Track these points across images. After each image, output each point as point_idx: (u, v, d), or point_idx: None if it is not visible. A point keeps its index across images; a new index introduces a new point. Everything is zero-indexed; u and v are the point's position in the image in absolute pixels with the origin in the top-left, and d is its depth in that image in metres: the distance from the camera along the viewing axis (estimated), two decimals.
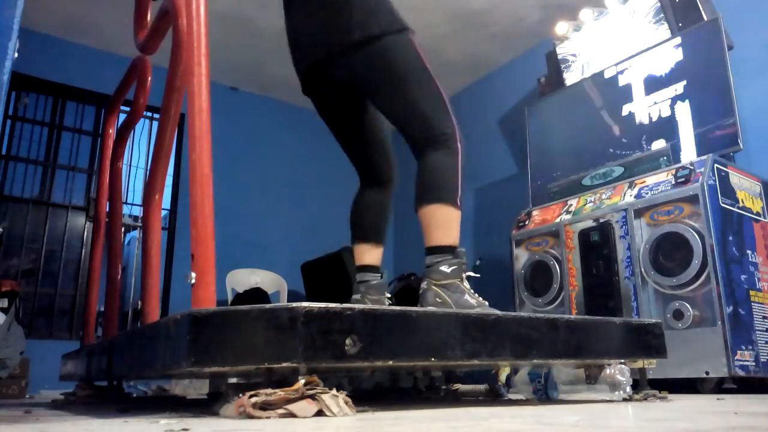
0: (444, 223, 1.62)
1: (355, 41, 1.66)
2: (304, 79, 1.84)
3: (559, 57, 3.91)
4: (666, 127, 3.11)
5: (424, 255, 1.64)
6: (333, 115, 1.91)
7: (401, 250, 5.49)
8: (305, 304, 1.04)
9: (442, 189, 1.64)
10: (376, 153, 1.91)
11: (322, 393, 1.03)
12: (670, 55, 3.16)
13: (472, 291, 1.59)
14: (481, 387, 2.12)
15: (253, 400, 0.99)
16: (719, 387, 2.54)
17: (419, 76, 1.70)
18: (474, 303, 1.55)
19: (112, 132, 2.62)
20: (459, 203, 1.65)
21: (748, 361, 2.47)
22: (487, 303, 1.57)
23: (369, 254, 1.86)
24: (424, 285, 1.60)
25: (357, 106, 1.86)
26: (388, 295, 1.86)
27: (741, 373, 2.42)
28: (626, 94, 3.35)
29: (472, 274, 1.67)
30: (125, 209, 4.52)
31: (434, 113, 1.70)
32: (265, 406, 1.00)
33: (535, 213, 3.56)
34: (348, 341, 1.05)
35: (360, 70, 1.70)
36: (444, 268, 1.58)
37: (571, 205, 3.34)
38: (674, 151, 3.03)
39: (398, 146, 1.90)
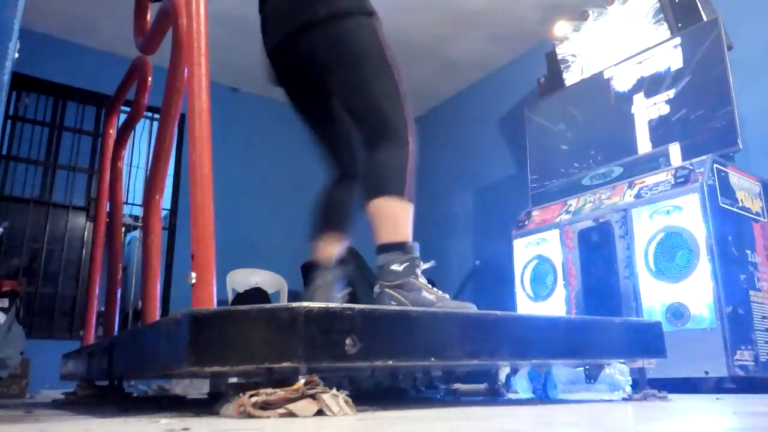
0: (392, 218, 1.55)
1: (319, 17, 1.62)
2: (272, 62, 1.81)
3: (559, 57, 3.91)
4: (665, 127, 3.11)
5: (375, 254, 1.56)
6: (300, 103, 1.87)
7: None
8: (305, 304, 1.04)
9: (389, 182, 1.56)
10: (343, 146, 1.86)
11: (322, 393, 1.03)
12: (669, 55, 3.16)
13: (429, 285, 1.53)
14: (481, 387, 2.12)
15: (254, 399, 0.99)
16: (718, 387, 2.54)
17: (378, 63, 1.64)
18: (433, 299, 1.48)
19: (112, 132, 2.62)
20: (407, 196, 1.57)
21: (747, 360, 2.47)
22: (447, 296, 1.52)
23: (324, 250, 1.77)
24: (377, 289, 1.52)
25: (322, 93, 1.82)
26: (348, 290, 1.78)
27: (740, 372, 2.42)
28: (626, 94, 3.35)
29: (426, 265, 1.61)
30: (126, 209, 4.51)
31: (388, 104, 1.63)
32: (265, 406, 1.00)
33: (534, 213, 3.56)
34: (348, 341, 1.05)
35: (320, 47, 1.66)
36: (395, 267, 1.50)
37: (570, 205, 3.34)
38: (674, 151, 3.03)
39: None
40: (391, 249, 1.53)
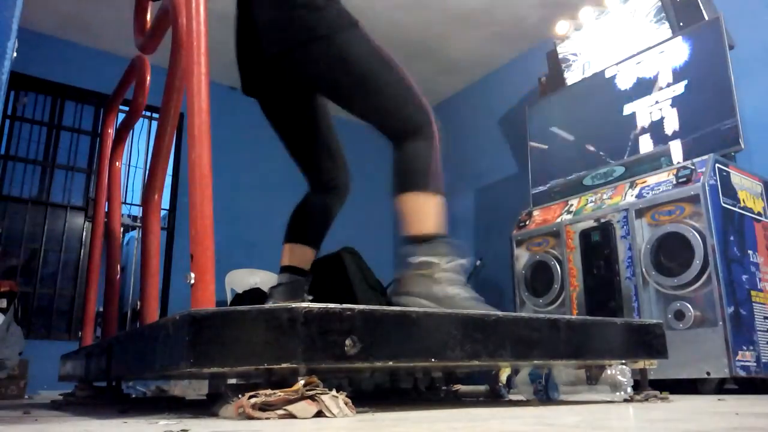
0: (418, 213, 1.56)
1: (303, 39, 1.59)
2: (249, 76, 1.79)
3: (560, 56, 3.91)
4: (667, 126, 3.10)
5: (402, 245, 1.57)
6: (278, 116, 1.84)
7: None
8: (305, 304, 1.03)
9: (416, 176, 1.57)
10: (325, 156, 1.85)
11: (321, 394, 1.02)
12: (671, 54, 3.16)
13: (457, 279, 1.53)
14: (482, 388, 2.12)
15: (253, 401, 0.99)
16: (720, 388, 2.53)
17: (379, 69, 1.62)
18: (460, 292, 1.49)
19: (111, 131, 2.61)
20: (439, 189, 1.58)
21: (749, 361, 2.46)
22: (476, 296, 1.52)
23: (296, 255, 1.81)
24: (400, 276, 1.54)
25: (305, 105, 1.80)
26: (310, 298, 1.75)
27: (742, 373, 2.41)
28: (627, 93, 3.35)
29: (462, 261, 1.60)
30: (124, 209, 4.51)
31: (403, 104, 1.62)
32: (264, 407, 0.99)
33: (535, 213, 3.55)
34: (348, 342, 1.05)
35: (314, 69, 1.63)
36: (423, 259, 1.51)
37: (571, 205, 3.33)
38: (675, 151, 3.02)
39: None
40: (419, 241, 1.54)
